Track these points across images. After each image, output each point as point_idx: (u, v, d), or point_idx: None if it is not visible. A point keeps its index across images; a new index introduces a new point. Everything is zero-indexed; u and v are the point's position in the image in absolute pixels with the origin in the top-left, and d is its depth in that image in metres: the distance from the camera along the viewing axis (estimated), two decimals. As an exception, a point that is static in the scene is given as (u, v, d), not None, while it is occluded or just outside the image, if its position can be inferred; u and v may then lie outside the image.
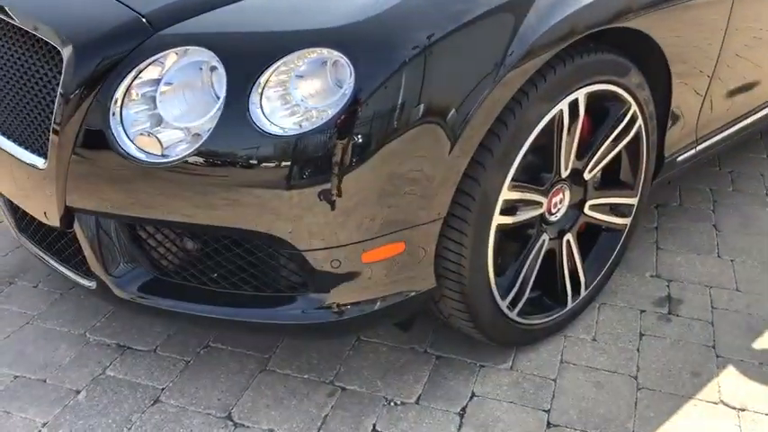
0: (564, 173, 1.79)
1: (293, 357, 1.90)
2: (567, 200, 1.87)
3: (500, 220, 1.66)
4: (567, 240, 1.89)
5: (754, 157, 2.96)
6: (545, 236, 1.83)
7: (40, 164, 1.63)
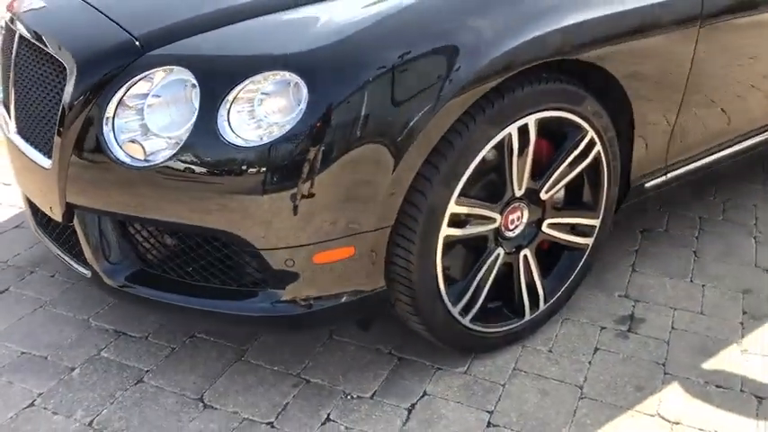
0: (518, 192, 1.93)
1: (268, 351, 2.08)
2: (526, 218, 2.00)
3: (448, 231, 1.80)
4: (525, 255, 2.02)
5: (751, 187, 3.00)
6: (500, 249, 1.96)
7: (47, 164, 1.87)
